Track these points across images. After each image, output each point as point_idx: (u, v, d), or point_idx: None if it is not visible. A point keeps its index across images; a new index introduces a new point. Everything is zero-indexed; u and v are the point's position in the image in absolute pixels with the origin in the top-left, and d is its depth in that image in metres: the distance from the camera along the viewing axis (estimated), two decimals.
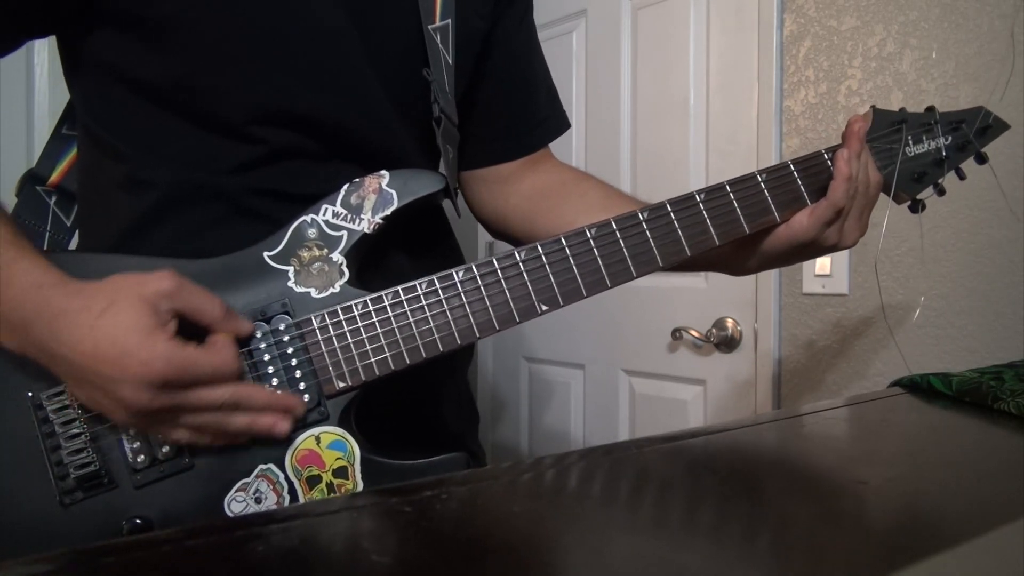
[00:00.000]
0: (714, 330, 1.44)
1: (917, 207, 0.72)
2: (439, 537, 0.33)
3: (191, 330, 0.52)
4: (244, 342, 0.55)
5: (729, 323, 1.44)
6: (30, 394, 0.54)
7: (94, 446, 0.54)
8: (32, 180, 0.68)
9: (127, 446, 0.54)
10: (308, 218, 0.58)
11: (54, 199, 0.68)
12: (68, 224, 0.68)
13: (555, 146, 0.84)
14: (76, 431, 0.54)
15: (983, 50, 1.13)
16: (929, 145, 0.70)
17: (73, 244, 0.68)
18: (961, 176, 0.73)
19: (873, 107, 0.70)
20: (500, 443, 1.96)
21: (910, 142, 0.69)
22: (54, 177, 0.68)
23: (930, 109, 0.71)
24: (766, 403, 1.38)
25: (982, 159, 0.72)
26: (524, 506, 0.39)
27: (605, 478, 0.44)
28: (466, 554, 0.31)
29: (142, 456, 0.54)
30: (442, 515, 0.36)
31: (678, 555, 0.33)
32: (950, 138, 0.71)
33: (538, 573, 0.31)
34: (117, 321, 0.48)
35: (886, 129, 0.70)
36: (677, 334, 1.47)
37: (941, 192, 0.72)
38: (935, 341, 1.17)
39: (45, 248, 0.66)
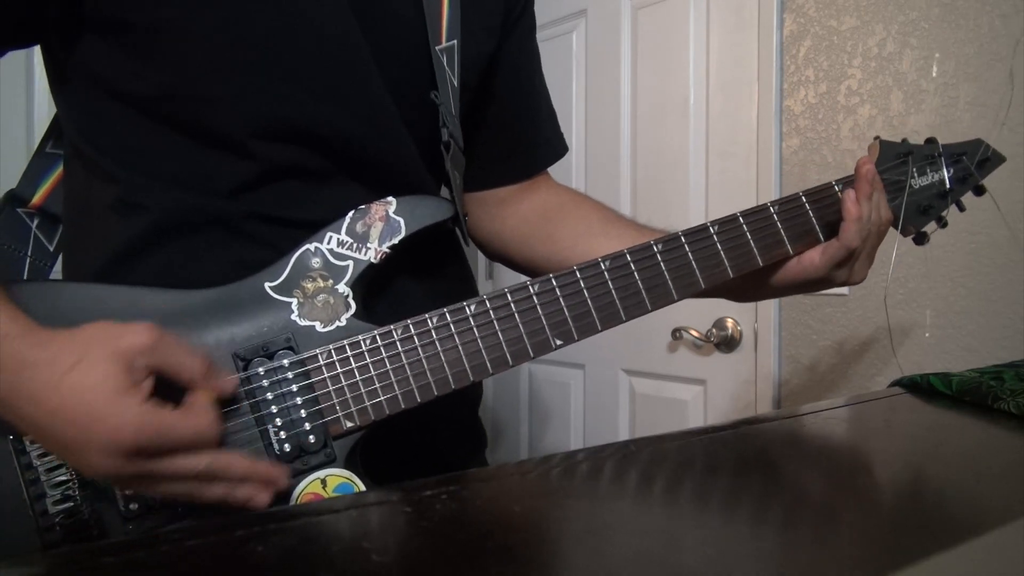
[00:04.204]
0: (714, 330, 1.44)
1: (922, 239, 0.72)
2: (439, 537, 0.33)
3: (168, 388, 0.47)
4: (244, 380, 0.52)
5: (729, 323, 1.44)
6: (11, 437, 0.50)
7: (82, 494, 0.50)
8: (13, 201, 0.64)
9: (119, 492, 0.50)
10: (312, 247, 0.55)
11: (36, 222, 0.64)
12: (51, 249, 0.64)
13: None
14: (63, 478, 0.50)
15: (983, 50, 1.13)
16: (933, 177, 0.70)
17: (56, 270, 0.64)
18: (961, 208, 0.73)
19: (878, 138, 0.70)
20: (500, 443, 1.96)
21: (915, 174, 0.69)
22: (36, 198, 0.64)
23: (931, 141, 0.71)
24: (766, 403, 1.38)
25: (980, 191, 0.73)
26: (524, 506, 0.39)
27: (605, 478, 0.44)
28: (466, 554, 0.31)
29: (135, 504, 0.50)
30: (442, 515, 0.36)
31: (677, 554, 0.33)
32: (952, 170, 0.71)
33: (538, 573, 0.31)
34: (86, 379, 0.43)
35: (892, 161, 0.69)
36: (677, 334, 1.47)
37: (944, 224, 0.72)
38: (935, 341, 1.17)
39: (25, 276, 0.63)
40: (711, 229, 0.63)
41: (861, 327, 1.27)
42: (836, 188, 0.67)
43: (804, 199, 0.66)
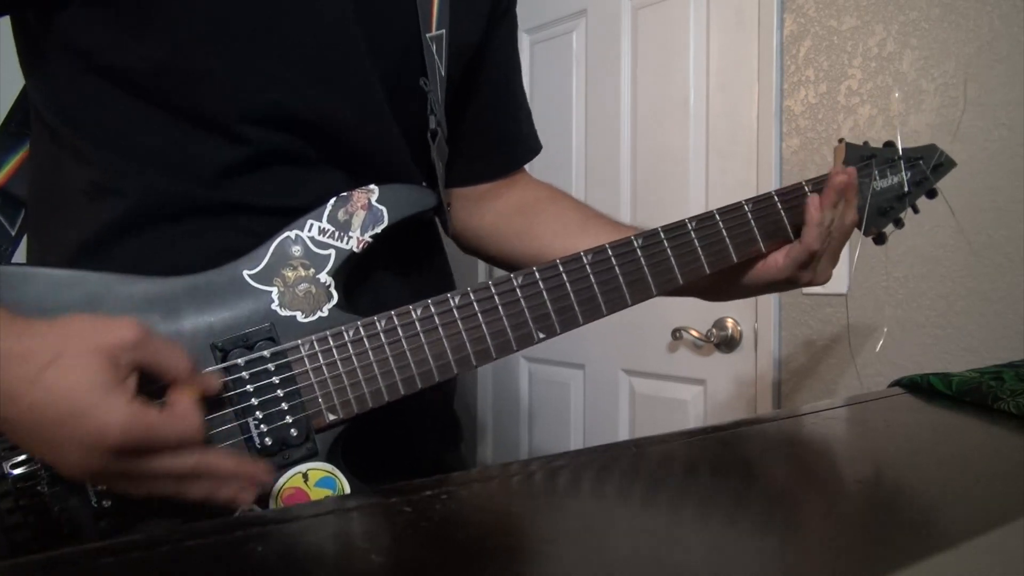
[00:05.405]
0: (714, 330, 1.44)
1: (882, 239, 0.75)
2: (439, 537, 0.33)
3: (148, 384, 0.46)
4: (223, 372, 0.51)
5: (729, 323, 1.44)
6: None
7: (51, 491, 0.48)
8: None
9: (91, 489, 0.48)
10: (292, 234, 0.54)
11: None
12: (12, 233, 0.62)
13: (556, 146, 0.84)
14: (25, 471, 0.47)
15: (983, 50, 1.13)
16: (892, 180, 0.73)
17: (18, 256, 0.62)
18: (915, 210, 0.76)
19: (843, 140, 0.72)
20: (500, 443, 1.96)
21: (877, 177, 0.72)
22: None
23: (890, 144, 0.73)
24: (766, 403, 1.38)
25: (933, 194, 0.76)
26: (523, 506, 0.39)
27: (604, 478, 0.44)
28: (465, 554, 0.31)
29: (108, 500, 0.48)
30: (442, 515, 0.36)
31: (676, 554, 0.33)
32: (910, 173, 0.73)
33: (538, 573, 0.31)
34: (67, 375, 0.41)
35: (857, 164, 0.71)
36: (677, 334, 1.47)
37: (901, 225, 0.75)
38: (935, 341, 1.17)
39: None
40: (689, 225, 0.64)
41: (861, 327, 1.27)
42: (806, 189, 0.68)
43: (776, 198, 0.68)
